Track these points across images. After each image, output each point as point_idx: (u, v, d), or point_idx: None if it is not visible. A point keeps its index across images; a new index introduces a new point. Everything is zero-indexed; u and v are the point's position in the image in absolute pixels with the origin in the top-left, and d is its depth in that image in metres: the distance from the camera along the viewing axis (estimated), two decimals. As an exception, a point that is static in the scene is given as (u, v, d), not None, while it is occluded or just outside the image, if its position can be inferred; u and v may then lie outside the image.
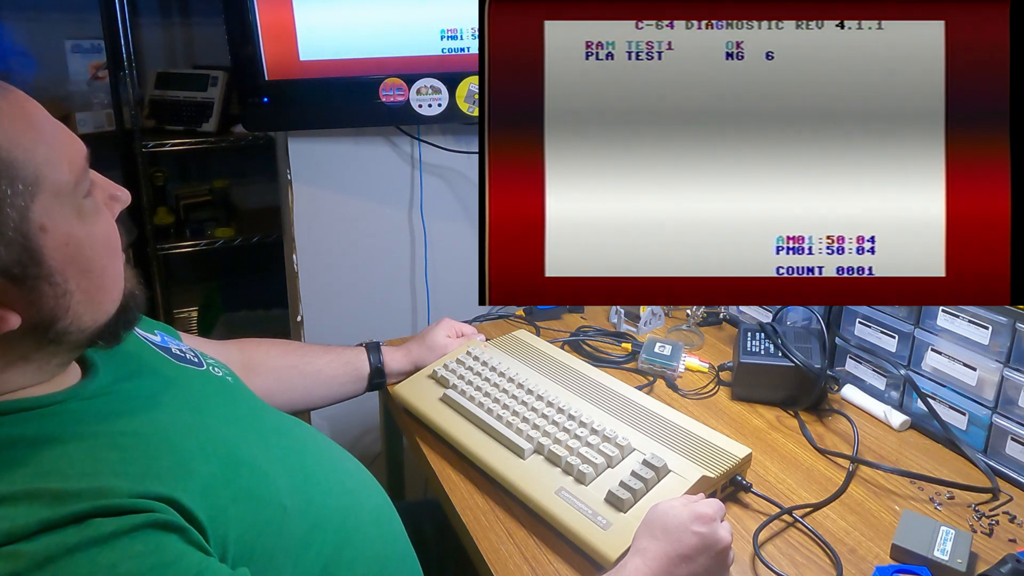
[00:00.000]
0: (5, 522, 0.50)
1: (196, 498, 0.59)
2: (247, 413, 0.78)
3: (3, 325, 0.56)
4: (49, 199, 0.57)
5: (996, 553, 0.83)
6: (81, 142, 0.61)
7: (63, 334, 0.61)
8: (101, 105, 2.31)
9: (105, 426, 0.62)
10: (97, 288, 0.62)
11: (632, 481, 0.85)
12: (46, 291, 0.58)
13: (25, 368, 0.61)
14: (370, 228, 1.58)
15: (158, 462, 0.60)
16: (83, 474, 0.56)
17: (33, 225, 0.56)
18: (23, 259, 0.56)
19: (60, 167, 0.58)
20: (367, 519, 0.77)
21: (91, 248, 0.61)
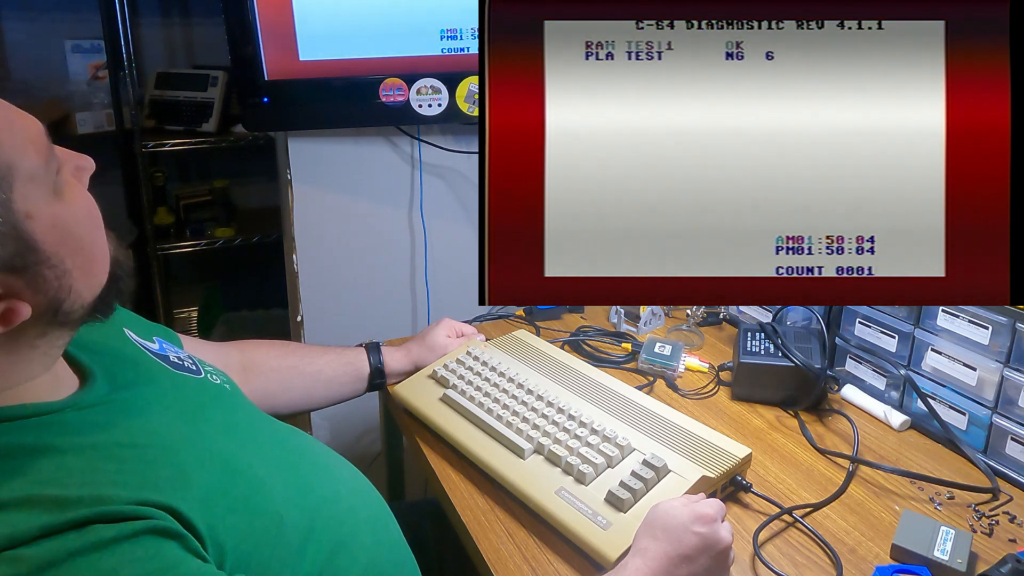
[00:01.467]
0: (6, 527, 0.51)
1: (194, 507, 0.59)
2: (244, 421, 0.79)
3: (16, 316, 0.57)
4: (25, 185, 0.56)
5: (996, 553, 0.83)
6: (35, 119, 0.60)
7: (68, 314, 0.61)
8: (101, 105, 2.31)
9: (103, 436, 0.62)
10: (89, 262, 0.62)
11: (632, 481, 0.85)
12: (48, 275, 0.58)
13: (32, 356, 0.61)
14: (370, 228, 1.58)
15: (156, 472, 0.60)
16: (82, 483, 0.56)
17: (19, 215, 0.55)
18: (20, 249, 0.56)
19: (27, 151, 0.57)
20: (363, 526, 0.78)
21: (76, 224, 0.60)
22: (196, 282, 2.74)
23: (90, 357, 0.70)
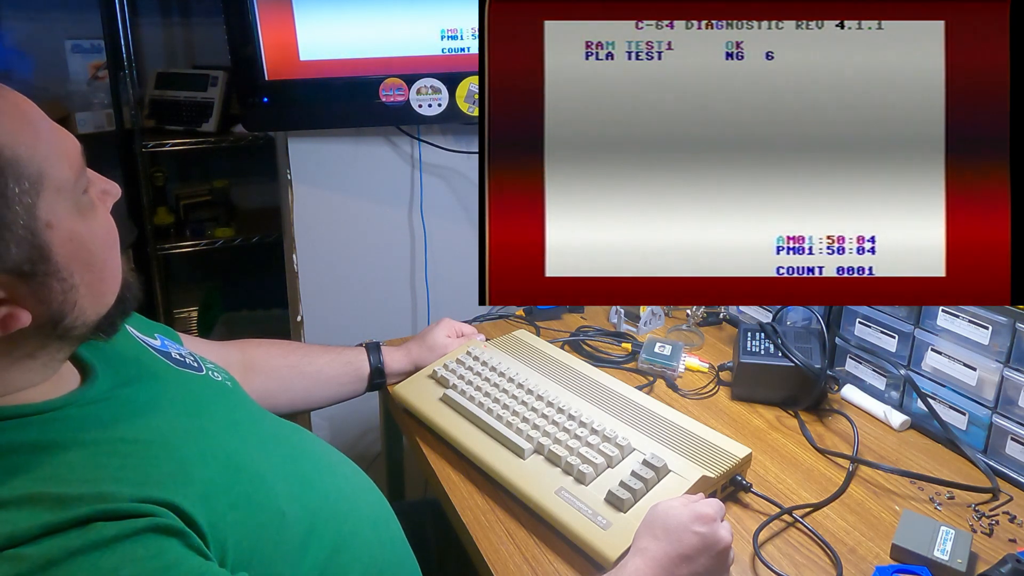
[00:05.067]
0: (7, 526, 0.51)
1: (196, 503, 0.59)
2: (245, 418, 0.79)
3: (15, 323, 0.57)
4: (52, 196, 0.57)
5: (996, 553, 0.83)
6: (75, 139, 0.62)
7: (69, 329, 0.61)
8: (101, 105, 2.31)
9: (105, 433, 0.62)
10: (99, 281, 0.62)
11: (632, 481, 0.85)
12: (54, 287, 0.58)
13: (30, 365, 0.61)
14: (370, 228, 1.58)
15: (158, 468, 0.60)
16: (84, 480, 0.56)
17: (40, 222, 0.56)
18: (32, 256, 0.56)
19: (61, 164, 0.58)
20: (364, 524, 0.78)
21: (93, 243, 0.61)
22: (196, 282, 2.74)
23: (92, 353, 0.70)
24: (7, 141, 0.55)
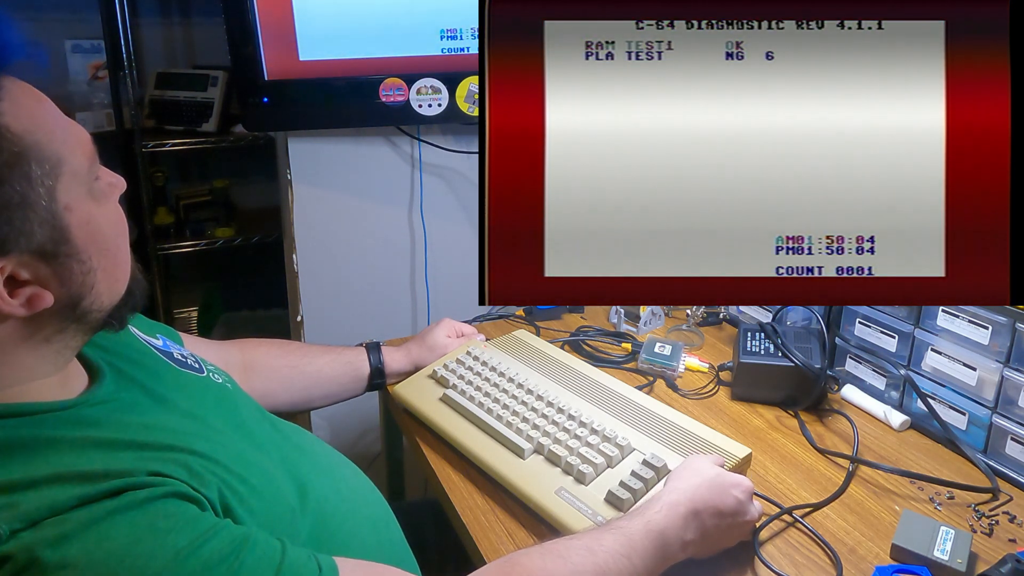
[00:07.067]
0: (45, 499, 0.53)
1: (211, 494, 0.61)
2: (246, 419, 0.79)
3: (40, 303, 0.58)
4: (69, 180, 0.60)
5: (996, 553, 0.83)
6: (86, 131, 0.65)
7: (87, 312, 0.63)
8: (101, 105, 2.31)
9: (116, 432, 0.63)
10: (113, 267, 0.65)
11: (632, 481, 0.85)
12: (75, 269, 0.60)
13: (44, 352, 0.63)
14: (370, 228, 1.58)
15: (171, 455, 0.62)
16: (104, 461, 0.58)
17: (59, 204, 0.59)
18: (55, 237, 0.58)
19: (76, 151, 0.61)
20: (364, 525, 0.78)
21: (107, 227, 0.64)
22: (196, 282, 2.74)
23: (99, 354, 0.71)
24: (28, 127, 0.57)
